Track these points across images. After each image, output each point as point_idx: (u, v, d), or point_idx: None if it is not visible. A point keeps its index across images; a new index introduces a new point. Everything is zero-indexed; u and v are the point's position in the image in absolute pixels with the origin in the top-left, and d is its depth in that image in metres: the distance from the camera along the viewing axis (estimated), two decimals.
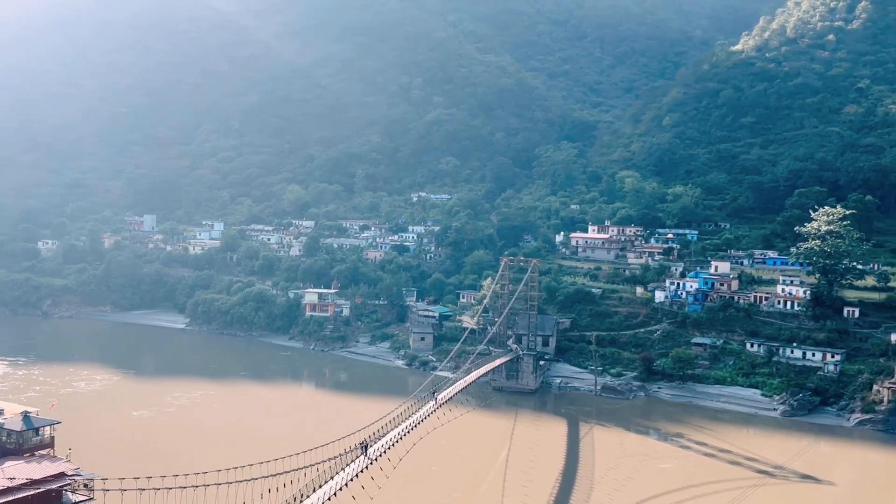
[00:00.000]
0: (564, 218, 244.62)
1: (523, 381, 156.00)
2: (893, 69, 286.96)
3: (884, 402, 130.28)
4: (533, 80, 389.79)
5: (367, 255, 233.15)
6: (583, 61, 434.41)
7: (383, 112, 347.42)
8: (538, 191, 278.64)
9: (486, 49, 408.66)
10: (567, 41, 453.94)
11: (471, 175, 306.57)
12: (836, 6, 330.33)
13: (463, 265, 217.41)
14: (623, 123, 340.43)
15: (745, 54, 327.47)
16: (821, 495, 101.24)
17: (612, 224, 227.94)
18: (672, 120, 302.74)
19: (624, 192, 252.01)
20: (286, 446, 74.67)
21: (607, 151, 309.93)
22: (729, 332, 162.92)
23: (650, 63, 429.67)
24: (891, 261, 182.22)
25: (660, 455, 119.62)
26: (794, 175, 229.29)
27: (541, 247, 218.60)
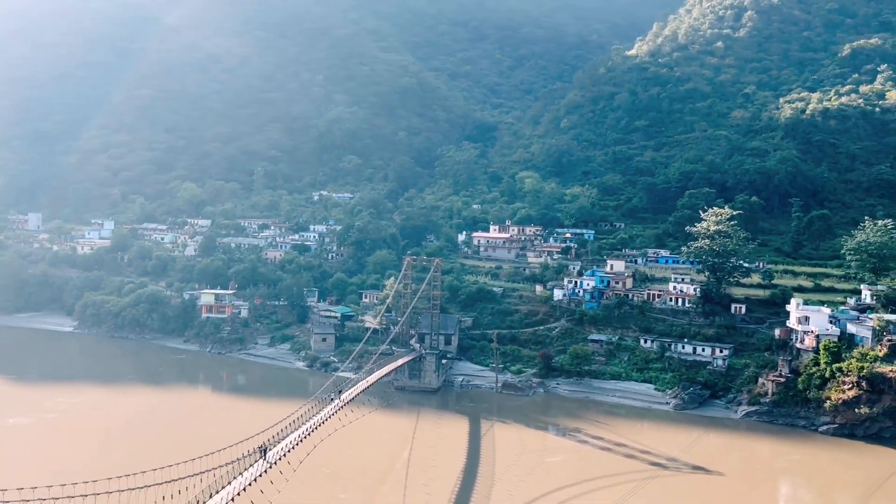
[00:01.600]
0: (466, 217, 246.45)
1: (426, 381, 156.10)
2: (777, 76, 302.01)
3: (768, 394, 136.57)
4: (435, 80, 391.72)
5: (266, 255, 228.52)
6: (483, 63, 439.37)
7: (283, 109, 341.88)
8: (441, 190, 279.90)
9: (388, 48, 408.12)
10: (468, 42, 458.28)
11: (373, 174, 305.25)
12: (725, 14, 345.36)
13: (365, 265, 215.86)
14: (523, 125, 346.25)
15: (639, 59, 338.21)
16: (711, 485, 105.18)
17: (513, 224, 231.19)
18: (570, 122, 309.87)
19: (524, 192, 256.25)
20: (180, 452, 72.16)
21: (508, 152, 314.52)
22: (624, 329, 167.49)
23: (549, 66, 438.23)
24: (775, 259, 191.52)
25: (558, 450, 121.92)
26: (685, 177, 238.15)
27: (443, 246, 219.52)
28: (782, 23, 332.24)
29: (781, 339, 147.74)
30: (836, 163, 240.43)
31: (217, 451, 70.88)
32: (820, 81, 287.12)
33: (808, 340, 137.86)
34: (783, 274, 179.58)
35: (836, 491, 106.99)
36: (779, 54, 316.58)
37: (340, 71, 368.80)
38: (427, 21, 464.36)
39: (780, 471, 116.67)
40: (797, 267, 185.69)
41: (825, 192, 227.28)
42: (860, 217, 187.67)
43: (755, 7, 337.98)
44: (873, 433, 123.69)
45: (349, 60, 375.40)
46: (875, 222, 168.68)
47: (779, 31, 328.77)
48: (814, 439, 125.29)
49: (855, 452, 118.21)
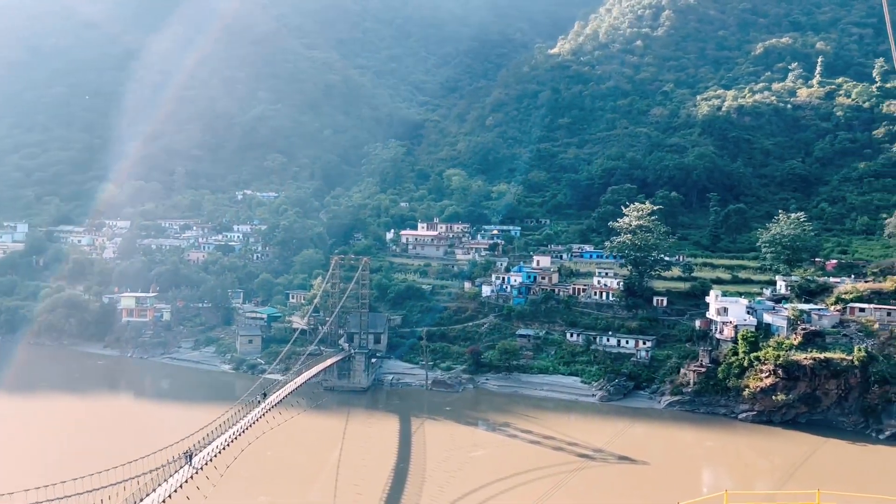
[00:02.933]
0: (394, 216, 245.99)
1: (355, 380, 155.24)
2: (693, 74, 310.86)
3: (690, 384, 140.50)
4: (360, 78, 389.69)
5: (188, 257, 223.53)
6: (409, 60, 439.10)
7: (205, 106, 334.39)
8: (368, 189, 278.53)
9: (312, 45, 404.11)
10: (393, 40, 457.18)
11: (299, 172, 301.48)
12: (643, 14, 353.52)
13: (292, 265, 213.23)
14: (449, 122, 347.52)
15: (561, 58, 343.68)
16: (636, 474, 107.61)
17: (441, 221, 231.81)
18: (495, 120, 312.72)
19: (451, 189, 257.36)
20: (101, 460, 69.94)
21: (435, 150, 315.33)
22: (551, 323, 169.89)
23: (474, 64, 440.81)
24: (694, 252, 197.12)
25: (488, 445, 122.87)
26: (607, 173, 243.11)
27: (371, 244, 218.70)
28: (698, 22, 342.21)
29: (702, 330, 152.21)
30: (751, 158, 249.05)
31: (140, 458, 69.04)
32: (735, 79, 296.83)
33: (727, 331, 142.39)
34: (702, 267, 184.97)
35: (755, 476, 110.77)
36: (696, 53, 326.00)
37: (263, 68, 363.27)
38: (351, 18, 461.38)
39: (702, 458, 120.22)
40: (715, 260, 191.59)
41: (741, 187, 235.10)
42: (774, 210, 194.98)
43: (672, 7, 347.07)
44: (790, 419, 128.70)
45: (272, 57, 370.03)
46: (788, 215, 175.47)
47: (695, 30, 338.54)
48: (734, 426, 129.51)
49: (772, 438, 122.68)
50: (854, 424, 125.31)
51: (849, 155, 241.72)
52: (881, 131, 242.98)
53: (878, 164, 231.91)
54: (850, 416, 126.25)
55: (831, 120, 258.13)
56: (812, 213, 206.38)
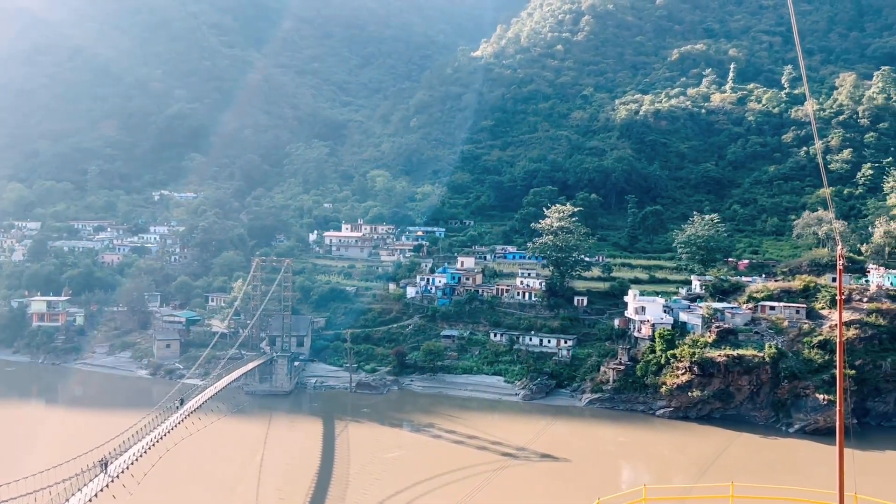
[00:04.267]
0: (318, 217, 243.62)
1: (277, 384, 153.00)
2: (612, 79, 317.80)
3: (610, 381, 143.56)
4: (281, 77, 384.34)
5: (102, 259, 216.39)
6: (331, 60, 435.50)
7: (119, 104, 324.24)
8: (290, 189, 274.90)
9: (231, 43, 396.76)
10: (315, 39, 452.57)
11: (218, 173, 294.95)
12: (564, 19, 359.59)
13: (212, 267, 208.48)
14: (373, 123, 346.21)
15: (484, 60, 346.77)
16: (558, 472, 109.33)
17: (365, 222, 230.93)
18: (419, 121, 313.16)
19: (376, 191, 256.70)
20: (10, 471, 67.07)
21: (358, 151, 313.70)
22: (475, 324, 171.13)
23: (397, 65, 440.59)
24: (613, 253, 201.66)
25: (413, 446, 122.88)
26: (529, 175, 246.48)
27: (294, 246, 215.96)
28: (617, 28, 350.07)
29: (621, 328, 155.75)
30: (667, 161, 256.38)
31: (53, 467, 66.45)
32: (652, 84, 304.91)
33: (645, 329, 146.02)
34: (621, 267, 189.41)
35: (672, 471, 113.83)
36: (614, 58, 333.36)
37: (180, 65, 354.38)
38: (271, 16, 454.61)
39: (621, 454, 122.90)
40: (633, 260, 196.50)
41: (658, 189, 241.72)
42: (689, 212, 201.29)
43: (592, 12, 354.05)
44: (705, 415, 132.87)
45: (190, 55, 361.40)
46: (702, 217, 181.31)
47: (614, 35, 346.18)
48: (652, 423, 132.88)
49: (689, 433, 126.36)
50: (765, 419, 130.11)
51: (759, 158, 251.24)
52: (790, 136, 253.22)
53: (787, 167, 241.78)
54: (761, 411, 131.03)
55: (743, 125, 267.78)
56: (725, 214, 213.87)
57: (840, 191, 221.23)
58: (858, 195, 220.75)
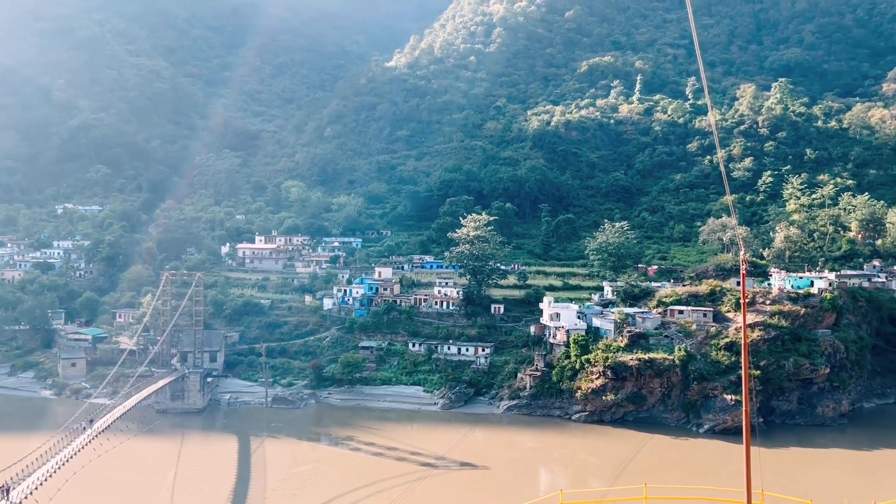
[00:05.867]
0: (230, 229, 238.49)
1: (190, 401, 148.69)
2: (524, 90, 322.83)
3: (527, 387, 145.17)
4: (190, 87, 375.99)
5: (2, 275, 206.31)
6: (242, 69, 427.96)
7: (19, 115, 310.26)
8: (201, 201, 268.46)
9: (138, 51, 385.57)
10: (225, 48, 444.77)
11: (125, 185, 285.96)
12: (476, 31, 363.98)
13: (119, 282, 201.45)
14: (286, 133, 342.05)
15: (398, 71, 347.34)
16: (478, 480, 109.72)
17: (280, 234, 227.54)
18: (334, 131, 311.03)
19: (290, 201, 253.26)
20: None
21: (271, 161, 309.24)
22: (393, 334, 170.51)
23: (310, 74, 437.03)
24: (528, 261, 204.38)
25: (331, 460, 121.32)
26: (445, 185, 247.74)
27: (206, 259, 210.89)
28: (528, 40, 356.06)
29: (536, 335, 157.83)
30: (579, 170, 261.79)
31: None
32: (562, 95, 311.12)
33: (560, 335, 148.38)
34: (536, 274, 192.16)
35: (588, 474, 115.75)
36: (526, 69, 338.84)
37: (84, 74, 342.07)
38: (180, 25, 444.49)
39: (539, 460, 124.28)
40: (548, 267, 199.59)
41: (570, 198, 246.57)
42: (600, 220, 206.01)
43: (503, 25, 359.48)
44: (619, 418, 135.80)
45: (94, 63, 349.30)
46: (613, 224, 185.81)
47: (525, 47, 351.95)
48: (568, 427, 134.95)
49: (603, 437, 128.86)
50: (677, 420, 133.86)
51: (666, 167, 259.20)
52: (694, 145, 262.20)
53: (692, 175, 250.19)
54: (672, 413, 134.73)
55: (650, 134, 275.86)
56: (634, 221, 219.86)
57: (742, 198, 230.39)
58: (760, 202, 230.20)
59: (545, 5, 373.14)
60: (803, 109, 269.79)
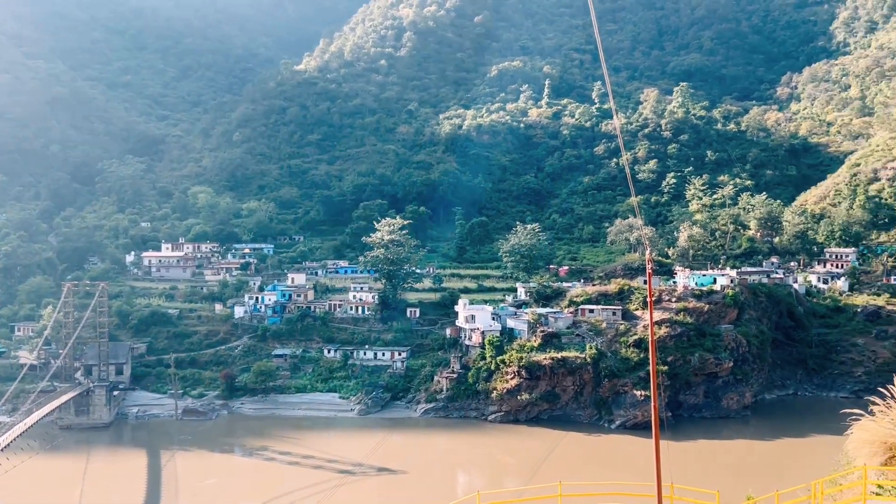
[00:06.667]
0: (135, 237, 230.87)
1: (95, 416, 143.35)
2: (436, 94, 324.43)
3: (443, 390, 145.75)
4: (91, 91, 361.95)
5: None
6: (145, 73, 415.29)
7: None
8: (104, 208, 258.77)
9: (34, 54, 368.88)
10: (126, 51, 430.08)
11: (22, 192, 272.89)
12: (386, 34, 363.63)
13: (17, 294, 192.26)
14: (192, 138, 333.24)
15: (308, 74, 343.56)
16: (395, 484, 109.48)
17: (187, 241, 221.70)
18: (242, 135, 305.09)
19: (198, 208, 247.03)
20: None
21: (177, 166, 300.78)
22: (308, 341, 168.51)
23: (217, 77, 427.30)
24: (443, 264, 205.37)
25: (246, 471, 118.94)
26: (358, 189, 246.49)
27: (110, 269, 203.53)
28: (438, 44, 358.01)
29: (452, 337, 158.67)
30: (491, 174, 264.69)
31: None
32: (473, 99, 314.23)
33: (476, 337, 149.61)
34: (451, 277, 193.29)
35: (505, 474, 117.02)
36: (437, 73, 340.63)
37: None
38: (78, 27, 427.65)
39: (457, 462, 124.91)
40: (462, 270, 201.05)
41: (483, 201, 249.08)
42: (512, 222, 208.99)
43: (413, 29, 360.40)
44: (533, 417, 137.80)
45: None
46: (525, 227, 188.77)
47: (435, 52, 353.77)
48: (484, 428, 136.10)
49: (519, 436, 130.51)
50: (589, 417, 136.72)
51: (575, 170, 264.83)
52: (601, 148, 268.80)
53: (599, 177, 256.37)
54: (585, 410, 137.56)
55: (559, 138, 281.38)
56: (545, 223, 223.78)
57: (648, 199, 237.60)
58: (664, 202, 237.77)
59: (455, 10, 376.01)
60: (704, 113, 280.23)
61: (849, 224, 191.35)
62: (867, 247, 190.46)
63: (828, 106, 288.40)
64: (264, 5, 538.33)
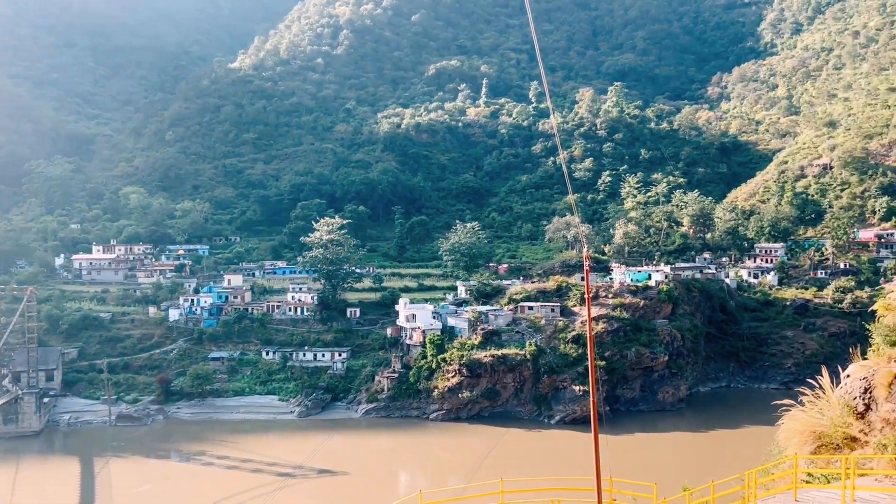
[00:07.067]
0: (64, 239, 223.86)
1: (25, 424, 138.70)
2: (374, 92, 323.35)
3: (384, 390, 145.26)
4: (16, 88, 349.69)
5: None
6: (74, 70, 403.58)
7: None
8: (31, 210, 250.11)
9: None
10: (55, 48, 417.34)
11: None
12: (323, 32, 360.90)
13: None
14: (124, 137, 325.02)
15: (243, 72, 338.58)
16: (336, 486, 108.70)
17: (119, 243, 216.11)
18: (176, 135, 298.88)
19: (130, 209, 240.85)
20: None
21: (108, 166, 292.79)
22: (245, 343, 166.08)
23: (149, 76, 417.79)
24: (383, 264, 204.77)
25: (183, 476, 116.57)
26: (296, 189, 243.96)
27: (38, 272, 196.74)
28: (375, 42, 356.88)
29: (393, 337, 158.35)
30: (430, 173, 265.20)
31: None
32: (412, 98, 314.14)
33: (416, 336, 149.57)
34: (391, 277, 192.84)
35: (447, 473, 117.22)
36: (374, 72, 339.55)
37: None
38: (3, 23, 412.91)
39: (398, 462, 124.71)
40: (403, 269, 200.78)
41: (422, 200, 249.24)
42: (452, 221, 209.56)
43: (350, 27, 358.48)
44: (475, 414, 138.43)
45: None
46: (465, 225, 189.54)
47: (373, 50, 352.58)
48: (426, 427, 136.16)
49: (461, 434, 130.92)
50: (530, 413, 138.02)
51: (513, 169, 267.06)
52: (538, 147, 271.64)
53: (537, 176, 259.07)
54: (525, 406, 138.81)
55: (497, 137, 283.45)
56: (485, 222, 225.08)
57: (584, 197, 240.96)
58: (600, 200, 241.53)
59: (391, 8, 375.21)
60: (637, 112, 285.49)
61: (777, 220, 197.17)
62: (795, 242, 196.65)
63: (756, 105, 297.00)
64: (199, 2, 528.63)
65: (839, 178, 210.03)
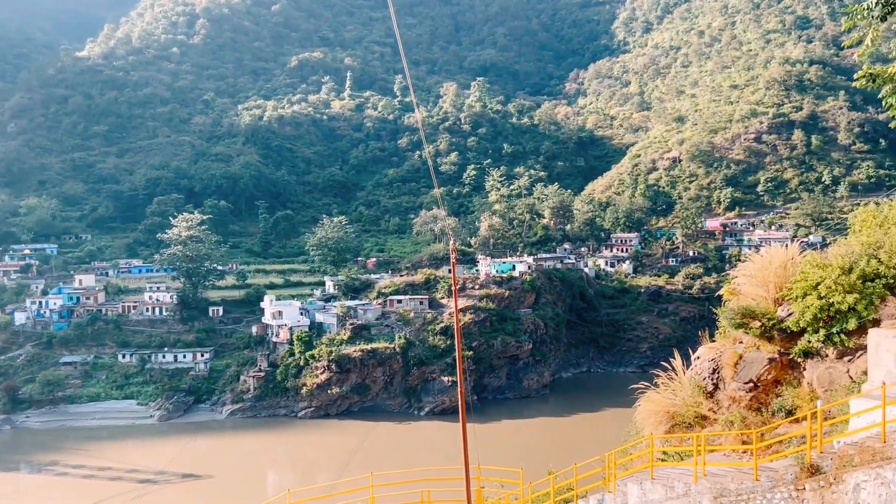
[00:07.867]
0: None
1: None
2: (234, 84, 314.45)
3: (251, 390, 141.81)
4: None
5: None
6: None
7: None
8: None
9: None
10: None
11: None
12: (178, 21, 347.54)
13: None
14: None
15: (91, 61, 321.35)
16: (202, 490, 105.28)
17: None
18: (18, 127, 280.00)
19: None
20: None
21: None
22: (100, 346, 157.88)
23: None
24: (247, 260, 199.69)
25: (35, 489, 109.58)
26: (152, 183, 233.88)
27: None
28: (234, 32, 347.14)
29: (259, 335, 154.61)
30: (295, 166, 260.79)
31: None
32: (274, 90, 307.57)
33: (283, 333, 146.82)
34: (256, 273, 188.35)
35: (316, 470, 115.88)
36: (234, 63, 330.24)
37: None
38: None
39: (266, 462, 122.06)
40: (268, 265, 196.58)
41: (287, 194, 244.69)
42: (319, 215, 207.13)
43: (207, 16, 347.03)
44: (344, 410, 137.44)
45: None
46: (332, 219, 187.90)
47: (231, 40, 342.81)
48: (295, 425, 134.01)
49: (330, 431, 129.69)
50: (400, 406, 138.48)
51: (380, 162, 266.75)
52: (404, 141, 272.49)
53: (404, 170, 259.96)
54: (396, 399, 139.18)
55: (363, 130, 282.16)
56: (352, 216, 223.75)
57: (450, 190, 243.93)
58: (465, 194, 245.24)
59: None
60: (500, 107, 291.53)
61: (631, 211, 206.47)
62: (648, 232, 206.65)
63: (611, 101, 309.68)
64: None
65: (687, 170, 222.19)
